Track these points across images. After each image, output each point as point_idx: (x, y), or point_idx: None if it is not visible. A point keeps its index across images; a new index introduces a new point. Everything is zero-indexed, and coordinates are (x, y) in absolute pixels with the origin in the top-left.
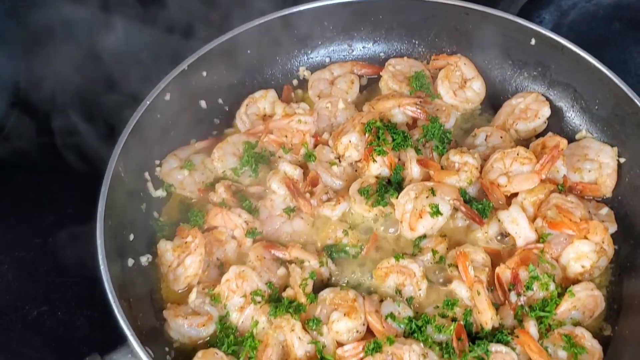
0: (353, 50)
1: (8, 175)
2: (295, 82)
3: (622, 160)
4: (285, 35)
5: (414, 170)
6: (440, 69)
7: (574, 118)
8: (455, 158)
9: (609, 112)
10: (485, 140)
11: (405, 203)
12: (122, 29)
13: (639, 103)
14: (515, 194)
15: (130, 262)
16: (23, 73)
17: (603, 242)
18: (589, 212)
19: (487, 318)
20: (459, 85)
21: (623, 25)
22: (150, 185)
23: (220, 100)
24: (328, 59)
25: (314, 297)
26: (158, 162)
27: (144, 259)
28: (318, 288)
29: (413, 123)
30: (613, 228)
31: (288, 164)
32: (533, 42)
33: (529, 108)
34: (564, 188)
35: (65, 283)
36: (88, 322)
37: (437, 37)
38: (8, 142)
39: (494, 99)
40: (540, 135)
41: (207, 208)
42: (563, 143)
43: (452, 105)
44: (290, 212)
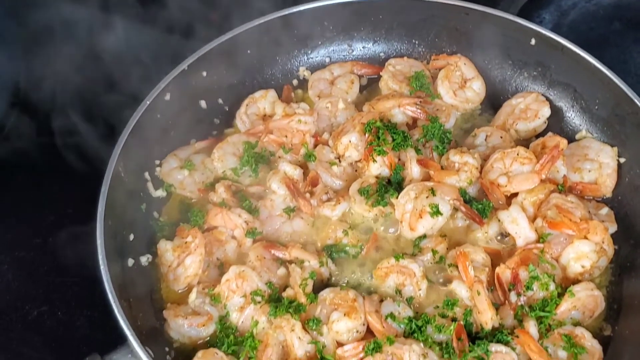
0: (353, 50)
1: (8, 175)
2: (295, 82)
3: (622, 160)
4: (285, 35)
5: (414, 170)
6: (440, 69)
7: (574, 118)
8: (455, 158)
9: (609, 112)
10: (485, 140)
11: (405, 203)
12: (122, 29)
13: (639, 103)
14: (515, 194)
15: (130, 262)
16: (23, 73)
17: (603, 242)
18: (589, 212)
19: (487, 318)
20: (459, 85)
21: (623, 25)
22: (150, 185)
23: (220, 100)
24: (328, 59)
25: (314, 297)
26: (158, 162)
27: (144, 259)
28: (318, 288)
29: (413, 123)
30: (613, 228)
31: (288, 164)
32: (533, 42)
33: (529, 108)
34: (564, 188)
35: (65, 283)
36: (88, 322)
37: (437, 37)
38: (8, 142)
39: (494, 99)
40: (540, 135)
41: (207, 208)
42: (563, 143)
43: (452, 105)
44: (290, 212)
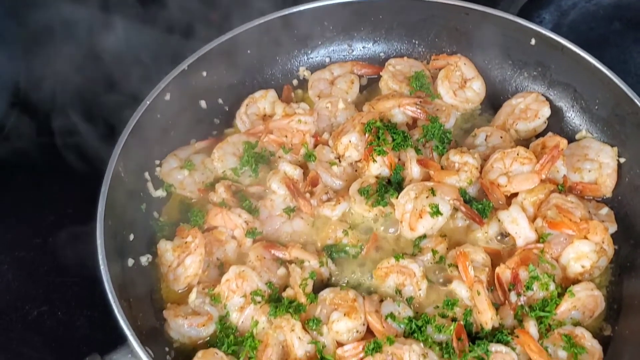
0: (353, 50)
1: (8, 175)
2: (295, 82)
3: (622, 160)
4: (285, 35)
5: (414, 170)
6: (440, 69)
7: (574, 118)
8: (455, 158)
9: (609, 112)
10: (485, 140)
11: (405, 203)
12: (122, 29)
13: (639, 103)
14: (515, 194)
15: (130, 262)
16: (23, 73)
17: (603, 242)
18: (589, 212)
19: (487, 318)
20: (459, 85)
21: (623, 25)
22: (150, 185)
23: (220, 100)
24: (328, 59)
25: (314, 297)
26: (158, 162)
27: (144, 259)
28: (318, 288)
29: (413, 123)
30: (613, 228)
31: (288, 164)
32: (533, 42)
33: (529, 108)
34: (564, 188)
35: (65, 283)
36: (88, 322)
37: (437, 37)
38: (8, 142)
39: (494, 99)
40: (540, 135)
41: (207, 208)
42: (563, 143)
43: (452, 105)
44: (290, 212)
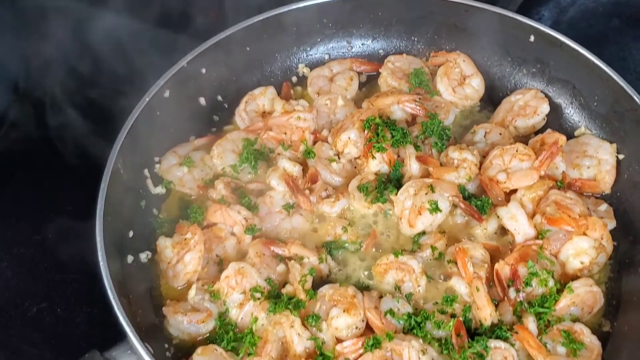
0: (352, 47)
1: (8, 173)
2: (295, 79)
3: (621, 157)
4: (285, 32)
5: (413, 167)
6: (440, 66)
7: (573, 115)
8: (455, 155)
9: (608, 108)
10: (485, 137)
11: (405, 200)
12: (122, 26)
13: (638, 100)
14: (514, 191)
15: (130, 258)
16: (22, 71)
17: (602, 238)
18: (588, 208)
19: (486, 314)
20: (458, 82)
21: (622, 22)
22: (150, 182)
23: (220, 97)
24: (327, 56)
25: (313, 293)
26: (157, 159)
27: (144, 256)
28: (317, 284)
29: (412, 120)
30: (612, 224)
31: (287, 161)
32: (532, 39)
33: (528, 105)
34: (563, 184)
35: (65, 280)
36: (87, 318)
37: (436, 34)
38: (7, 139)
39: (493, 96)
40: (539, 132)
41: (206, 205)
42: (562, 139)
43: (451, 102)
44: (290, 208)
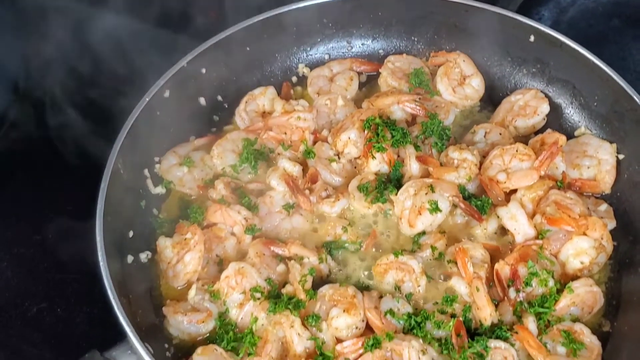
0: (352, 47)
1: (8, 173)
2: (295, 79)
3: (621, 157)
4: (285, 32)
5: (413, 167)
6: (440, 66)
7: (573, 115)
8: (455, 155)
9: (608, 108)
10: (485, 137)
11: (405, 200)
12: (122, 26)
13: (638, 100)
14: (514, 191)
15: (130, 258)
16: (23, 70)
17: (602, 238)
18: (588, 208)
19: (486, 314)
20: (458, 82)
21: (622, 22)
22: (150, 182)
23: (220, 97)
24: (327, 56)
25: (313, 293)
26: (157, 159)
27: (144, 256)
28: (317, 284)
29: (412, 120)
30: (612, 224)
31: (287, 161)
32: (532, 38)
33: (528, 105)
34: (563, 184)
35: (65, 280)
36: (87, 318)
37: (436, 34)
38: (7, 139)
39: (493, 96)
40: (539, 132)
41: (206, 205)
42: (562, 139)
43: (451, 102)
44: (290, 208)
